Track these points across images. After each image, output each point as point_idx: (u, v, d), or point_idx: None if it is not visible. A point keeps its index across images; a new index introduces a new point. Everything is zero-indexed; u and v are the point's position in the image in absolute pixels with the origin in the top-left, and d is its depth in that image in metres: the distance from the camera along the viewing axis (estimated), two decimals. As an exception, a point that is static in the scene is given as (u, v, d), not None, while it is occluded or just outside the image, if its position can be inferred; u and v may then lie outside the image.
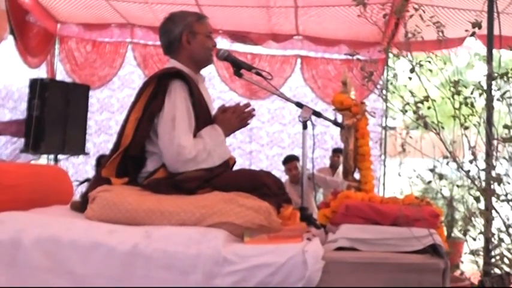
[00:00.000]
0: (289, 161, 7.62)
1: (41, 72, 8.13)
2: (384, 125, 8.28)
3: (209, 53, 3.17)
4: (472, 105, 2.34)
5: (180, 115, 2.90)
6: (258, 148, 9.06)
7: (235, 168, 3.27)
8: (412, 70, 2.29)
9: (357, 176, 3.83)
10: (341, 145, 7.80)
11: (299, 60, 8.81)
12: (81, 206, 2.90)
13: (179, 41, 3.12)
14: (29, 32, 7.70)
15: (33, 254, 2.48)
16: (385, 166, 8.48)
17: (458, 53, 7.71)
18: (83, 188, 6.81)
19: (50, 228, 2.55)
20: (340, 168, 7.71)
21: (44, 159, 8.03)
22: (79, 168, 8.79)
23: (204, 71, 3.29)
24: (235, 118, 3.14)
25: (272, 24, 8.11)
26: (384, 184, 8.51)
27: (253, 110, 3.22)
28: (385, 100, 2.66)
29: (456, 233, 6.56)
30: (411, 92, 2.31)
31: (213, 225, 2.57)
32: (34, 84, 7.14)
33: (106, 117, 8.97)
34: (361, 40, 8.15)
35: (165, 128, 2.89)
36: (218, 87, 8.75)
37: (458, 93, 2.31)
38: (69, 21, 8.51)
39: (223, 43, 8.32)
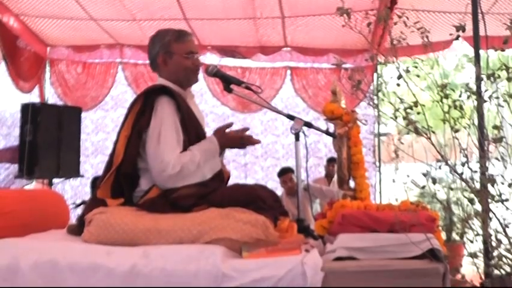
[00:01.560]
0: (284, 173, 7.59)
1: (33, 97, 8.12)
2: (376, 131, 8.29)
3: (188, 72, 3.16)
4: (461, 107, 2.34)
5: (165, 130, 2.91)
6: (252, 160, 9.04)
7: (230, 181, 3.28)
8: (400, 77, 2.30)
9: (352, 184, 3.83)
10: (335, 154, 7.82)
11: (289, 72, 8.79)
12: (77, 229, 2.90)
13: (156, 62, 3.14)
14: (20, 56, 7.73)
15: (31, 278, 2.48)
16: (380, 173, 8.48)
17: (446, 55, 7.74)
18: (80, 210, 6.84)
19: (48, 253, 2.55)
20: (336, 178, 7.73)
21: (39, 184, 8.00)
22: (78, 190, 8.80)
23: (195, 86, 3.29)
24: (238, 138, 3.16)
25: (260, 36, 8.12)
26: (380, 191, 8.50)
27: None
28: (375, 107, 2.67)
29: (455, 236, 6.56)
30: (400, 98, 2.32)
31: (210, 241, 2.58)
32: (26, 109, 7.13)
33: (102, 138, 8.97)
34: (348, 48, 8.15)
35: (151, 144, 2.91)
36: (210, 102, 8.73)
37: (447, 96, 2.32)
38: (59, 44, 8.51)
39: (212, 58, 8.33)
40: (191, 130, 3.02)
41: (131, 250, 2.54)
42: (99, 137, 8.97)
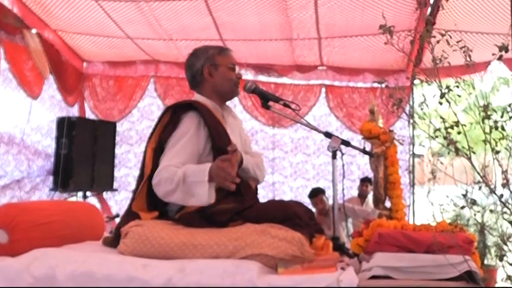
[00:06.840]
0: (315, 195, 7.56)
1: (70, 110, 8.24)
2: (412, 152, 8.20)
3: (232, 84, 3.21)
4: (503, 128, 2.31)
5: (173, 144, 2.94)
6: (281, 179, 8.76)
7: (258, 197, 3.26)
8: (443, 96, 2.28)
9: (387, 204, 3.81)
10: (368, 174, 7.77)
11: (323, 89, 8.69)
12: (113, 241, 2.92)
13: (201, 74, 3.17)
14: (65, 70, 7.90)
15: (67, 289, 2.50)
16: (413, 194, 8.36)
17: (483, 77, 7.67)
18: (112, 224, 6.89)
19: (84, 264, 2.57)
20: (370, 197, 7.69)
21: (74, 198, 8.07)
22: (110, 204, 8.71)
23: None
24: (223, 170, 2.65)
25: (296, 56, 8.14)
26: (413, 212, 8.37)
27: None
28: (414, 126, 2.66)
29: (489, 260, 6.46)
30: (442, 118, 2.30)
31: (246, 257, 2.57)
32: (61, 122, 7.25)
33: (125, 150, 8.80)
34: (385, 68, 8.15)
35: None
36: (240, 117, 8.57)
37: (489, 117, 2.29)
38: (95, 59, 8.64)
39: (247, 75, 8.34)
40: (220, 145, 2.94)
41: (167, 263, 2.54)
42: (122, 149, 8.80)
